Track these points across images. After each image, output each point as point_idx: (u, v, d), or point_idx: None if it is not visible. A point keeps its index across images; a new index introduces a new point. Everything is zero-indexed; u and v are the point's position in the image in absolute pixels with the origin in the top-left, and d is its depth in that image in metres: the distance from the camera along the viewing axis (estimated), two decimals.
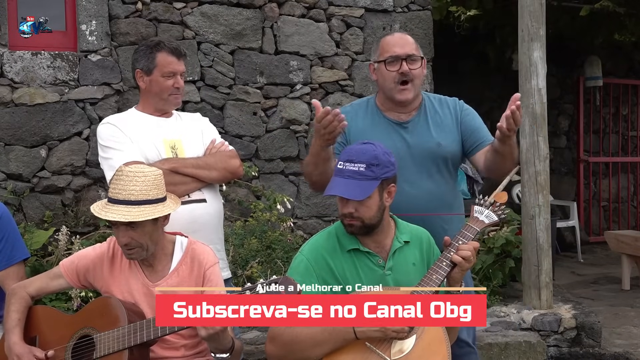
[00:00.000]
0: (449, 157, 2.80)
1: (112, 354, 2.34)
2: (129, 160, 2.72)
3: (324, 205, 5.49)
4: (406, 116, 2.81)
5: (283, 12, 5.38)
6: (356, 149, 2.35)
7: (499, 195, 2.52)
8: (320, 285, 2.33)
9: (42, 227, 4.53)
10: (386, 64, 2.75)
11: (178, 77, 2.91)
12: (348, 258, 2.38)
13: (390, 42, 2.78)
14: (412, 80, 2.74)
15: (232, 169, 2.94)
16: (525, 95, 4.64)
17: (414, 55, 2.75)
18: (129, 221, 2.34)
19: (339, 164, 2.33)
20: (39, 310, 2.60)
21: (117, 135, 2.83)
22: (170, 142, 2.88)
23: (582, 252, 7.74)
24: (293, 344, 2.26)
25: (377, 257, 2.39)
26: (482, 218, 2.47)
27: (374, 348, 2.24)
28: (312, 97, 5.45)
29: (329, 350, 2.24)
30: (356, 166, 2.30)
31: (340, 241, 2.41)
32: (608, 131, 8.97)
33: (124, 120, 2.91)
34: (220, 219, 3.00)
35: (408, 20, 5.72)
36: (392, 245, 2.42)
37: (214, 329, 2.20)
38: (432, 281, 2.31)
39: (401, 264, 2.42)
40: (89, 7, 4.82)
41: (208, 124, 3.08)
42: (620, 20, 7.25)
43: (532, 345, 4.32)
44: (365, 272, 2.37)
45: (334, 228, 2.47)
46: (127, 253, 2.44)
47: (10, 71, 4.64)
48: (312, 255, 2.38)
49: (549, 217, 4.73)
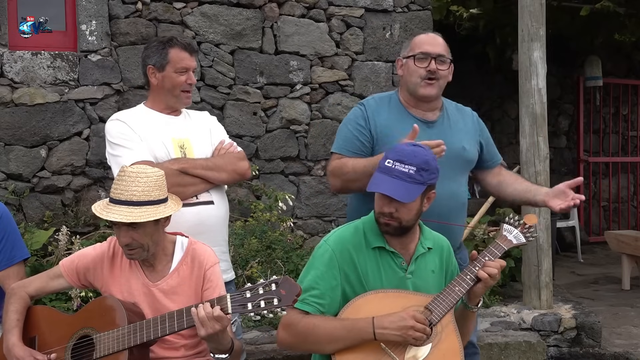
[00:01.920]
0: (469, 163, 2.85)
1: (112, 354, 2.33)
2: (139, 160, 2.71)
3: (324, 205, 5.49)
4: (432, 115, 2.83)
5: (283, 12, 5.37)
6: (408, 151, 2.32)
7: (529, 217, 2.55)
8: (341, 278, 2.32)
9: (42, 227, 4.53)
10: (415, 59, 2.78)
11: (191, 73, 2.90)
12: (372, 255, 2.38)
13: (423, 39, 2.82)
14: (437, 79, 2.77)
15: (241, 171, 2.94)
16: (525, 95, 4.64)
17: (444, 56, 2.79)
18: (130, 222, 2.34)
19: (387, 161, 2.30)
20: (38, 310, 2.60)
21: (126, 132, 2.81)
22: (179, 141, 2.87)
23: (582, 252, 7.74)
24: (308, 335, 2.25)
25: (401, 259, 2.39)
26: (511, 238, 2.49)
27: (389, 350, 2.23)
28: (312, 97, 5.46)
29: (344, 346, 2.24)
30: (406, 168, 2.28)
31: (367, 237, 2.40)
32: (608, 131, 8.97)
33: (133, 117, 2.89)
34: (226, 221, 2.99)
35: (408, 20, 5.72)
36: (416, 249, 2.42)
37: (213, 329, 2.20)
38: (454, 293, 2.32)
39: (422, 269, 2.42)
40: (89, 7, 4.82)
41: (216, 124, 3.07)
42: (620, 20, 7.25)
43: (532, 345, 4.32)
44: (387, 272, 2.37)
45: (362, 223, 2.45)
46: (128, 253, 2.44)
47: (10, 71, 4.64)
48: (338, 247, 2.37)
49: (549, 217, 4.74)
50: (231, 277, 2.99)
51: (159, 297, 2.46)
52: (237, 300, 2.19)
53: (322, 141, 5.46)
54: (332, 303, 2.30)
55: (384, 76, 5.65)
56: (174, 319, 2.30)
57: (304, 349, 2.33)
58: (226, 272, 2.90)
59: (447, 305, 2.30)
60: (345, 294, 2.33)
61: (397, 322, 2.21)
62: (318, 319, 2.26)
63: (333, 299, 2.31)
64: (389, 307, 2.26)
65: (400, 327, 2.20)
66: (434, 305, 2.29)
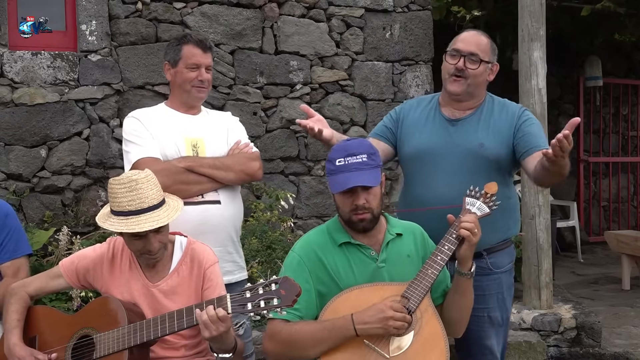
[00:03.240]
0: (493, 160, 2.73)
1: (112, 354, 2.33)
2: (145, 156, 2.74)
3: (324, 205, 5.49)
4: (460, 114, 2.81)
5: (283, 12, 5.38)
6: (351, 144, 2.38)
7: (489, 186, 2.51)
8: (312, 281, 2.34)
9: (42, 227, 4.53)
10: (447, 55, 2.78)
11: (202, 70, 2.89)
12: (340, 252, 2.40)
13: (460, 37, 2.81)
14: (466, 77, 2.74)
15: (251, 172, 2.90)
16: (525, 95, 4.64)
17: (476, 55, 2.73)
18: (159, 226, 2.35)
19: (337, 161, 2.34)
20: (38, 310, 2.60)
21: (139, 130, 2.83)
22: (192, 140, 2.87)
23: (582, 252, 7.74)
24: (292, 341, 2.27)
25: (370, 250, 2.40)
26: (474, 210, 2.46)
27: (373, 346, 2.24)
28: (312, 97, 5.46)
29: (328, 347, 2.25)
30: (359, 157, 2.33)
31: (332, 236, 2.42)
32: (608, 131, 8.97)
33: (149, 115, 2.91)
34: (235, 222, 2.94)
35: (408, 20, 5.73)
36: (384, 237, 2.44)
37: (218, 331, 2.20)
38: (427, 276, 2.33)
39: (394, 256, 2.43)
40: (89, 7, 4.82)
41: (236, 124, 3.05)
42: (620, 20, 7.25)
43: (532, 345, 4.32)
44: (358, 266, 2.38)
45: (326, 225, 2.49)
46: (152, 258, 2.44)
47: (10, 71, 4.64)
48: (304, 251, 2.40)
49: (549, 217, 4.73)
50: (240, 278, 2.96)
51: (159, 297, 2.47)
52: (237, 300, 2.19)
53: None
54: (308, 306, 2.32)
55: (384, 76, 5.66)
56: (174, 319, 2.30)
57: (291, 356, 2.33)
58: (232, 273, 2.89)
59: (423, 290, 2.30)
60: (322, 295, 2.35)
61: (376, 315, 2.22)
62: (299, 324, 2.28)
63: (308, 302, 2.32)
64: (366, 302, 2.27)
65: (379, 320, 2.22)
66: (409, 292, 2.30)
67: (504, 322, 2.86)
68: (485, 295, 2.74)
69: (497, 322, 2.80)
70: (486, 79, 2.81)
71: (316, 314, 2.33)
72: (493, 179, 2.65)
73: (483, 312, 2.75)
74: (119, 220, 2.36)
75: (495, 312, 2.79)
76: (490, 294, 2.77)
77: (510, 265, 2.85)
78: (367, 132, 5.59)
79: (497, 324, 2.81)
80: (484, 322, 2.76)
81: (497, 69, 2.83)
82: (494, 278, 2.78)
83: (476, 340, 2.76)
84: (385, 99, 5.66)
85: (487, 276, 2.74)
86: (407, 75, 5.73)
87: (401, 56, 5.71)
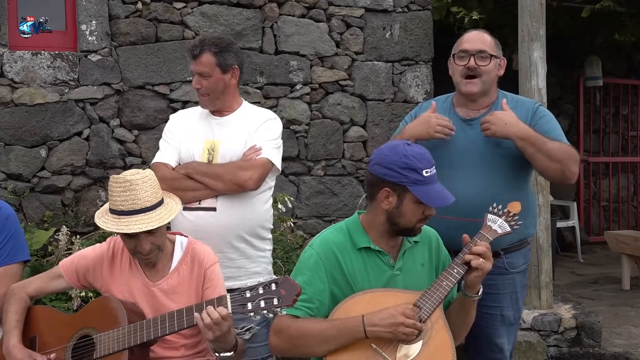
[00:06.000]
0: (510, 158, 2.73)
1: (112, 354, 2.33)
2: (159, 161, 2.87)
3: (324, 205, 5.49)
4: (475, 113, 2.81)
5: (283, 12, 5.37)
6: (425, 154, 2.34)
7: (512, 205, 2.52)
8: (328, 280, 2.32)
9: (42, 227, 4.53)
10: (455, 57, 2.79)
11: (196, 77, 2.90)
12: (359, 256, 2.37)
13: (464, 38, 2.82)
14: (480, 75, 2.75)
15: (239, 182, 2.79)
16: (525, 95, 4.63)
17: (484, 51, 2.76)
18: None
19: (425, 172, 2.29)
20: (38, 310, 2.60)
21: (167, 133, 2.97)
22: (210, 143, 2.89)
23: (582, 252, 7.74)
24: (299, 338, 2.25)
25: (388, 257, 2.39)
26: (495, 227, 2.46)
27: (380, 351, 2.23)
28: (312, 97, 5.45)
29: (335, 347, 2.24)
30: (434, 169, 2.34)
31: (352, 238, 2.39)
32: (608, 131, 8.96)
33: (185, 116, 3.04)
34: (234, 229, 2.84)
35: (408, 20, 5.72)
36: (402, 244, 2.42)
37: (221, 331, 2.20)
38: (442, 287, 2.31)
39: (410, 264, 2.42)
40: (89, 7, 4.82)
41: (261, 127, 2.94)
42: (620, 20, 7.24)
43: (532, 345, 4.33)
44: (374, 271, 2.37)
45: (345, 224, 2.45)
46: (146, 259, 2.44)
47: (10, 71, 4.64)
48: (323, 250, 2.36)
49: (549, 217, 4.74)
50: (246, 284, 2.74)
51: (159, 296, 2.47)
52: (237, 300, 2.19)
53: (322, 141, 5.46)
54: (321, 306, 2.31)
55: (384, 76, 5.65)
56: (174, 319, 2.30)
57: (296, 353, 2.32)
58: (235, 279, 2.83)
59: (436, 301, 2.29)
60: (334, 295, 2.33)
61: (387, 319, 2.21)
62: (308, 321, 2.27)
63: (322, 302, 2.31)
64: (378, 306, 2.26)
65: (390, 324, 2.20)
66: (422, 301, 2.29)
67: (515, 321, 2.88)
68: (500, 294, 2.76)
69: (509, 321, 2.82)
70: (497, 74, 2.83)
71: (327, 314, 2.31)
72: (511, 177, 2.67)
73: (496, 310, 2.77)
74: (112, 218, 2.37)
75: (508, 311, 2.81)
76: (505, 293, 2.79)
77: (525, 266, 2.87)
78: (367, 132, 5.59)
79: (509, 323, 2.83)
80: (496, 320, 2.78)
81: (505, 63, 2.86)
82: (509, 278, 2.80)
83: (487, 337, 2.78)
84: (385, 99, 5.66)
85: (503, 275, 2.76)
86: (407, 75, 5.73)
87: (401, 56, 5.71)
